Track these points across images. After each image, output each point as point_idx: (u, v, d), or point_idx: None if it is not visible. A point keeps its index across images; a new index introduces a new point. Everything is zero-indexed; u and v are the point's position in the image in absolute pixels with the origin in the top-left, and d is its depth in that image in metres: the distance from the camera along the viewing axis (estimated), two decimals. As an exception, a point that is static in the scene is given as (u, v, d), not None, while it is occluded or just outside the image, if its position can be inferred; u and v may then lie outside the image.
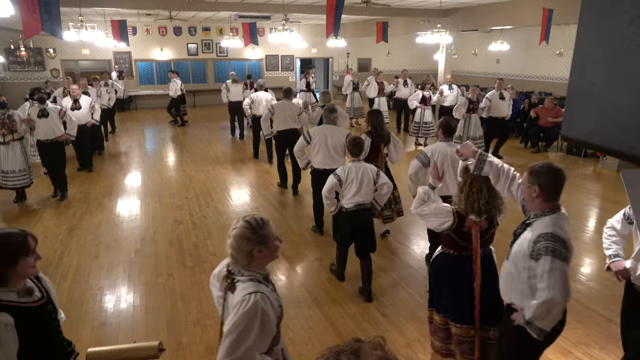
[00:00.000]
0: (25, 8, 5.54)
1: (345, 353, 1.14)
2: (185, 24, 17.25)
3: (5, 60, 15.17)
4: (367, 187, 4.27)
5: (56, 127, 7.04)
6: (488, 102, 9.46)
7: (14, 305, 1.94)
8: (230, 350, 1.86)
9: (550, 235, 2.29)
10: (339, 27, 7.50)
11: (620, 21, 0.70)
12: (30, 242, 1.98)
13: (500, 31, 15.11)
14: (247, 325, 1.87)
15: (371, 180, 4.28)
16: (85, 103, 8.63)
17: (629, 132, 0.70)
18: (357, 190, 4.26)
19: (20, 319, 1.92)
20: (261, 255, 2.03)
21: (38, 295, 2.07)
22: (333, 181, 4.32)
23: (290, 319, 4.06)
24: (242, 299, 1.91)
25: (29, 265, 1.96)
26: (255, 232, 2.04)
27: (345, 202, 4.35)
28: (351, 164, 4.35)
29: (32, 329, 1.96)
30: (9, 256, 1.90)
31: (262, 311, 1.90)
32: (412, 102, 10.85)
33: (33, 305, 2.02)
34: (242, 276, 2.02)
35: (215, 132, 13.12)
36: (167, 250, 5.49)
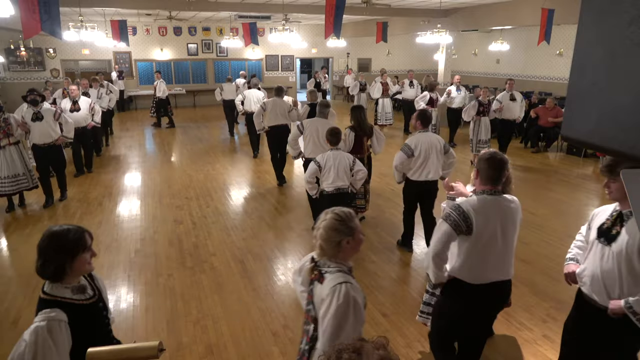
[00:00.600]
0: (25, 8, 5.54)
1: (347, 351, 1.14)
2: (185, 24, 17.26)
3: (5, 60, 15.18)
4: (344, 172, 4.80)
5: (52, 130, 6.77)
6: (499, 104, 9.26)
7: (67, 302, 1.96)
8: (331, 340, 1.93)
9: (457, 206, 2.64)
10: (340, 27, 7.49)
11: (620, 21, 0.70)
12: (87, 238, 2.02)
13: (500, 31, 15.11)
14: (343, 315, 1.94)
15: (348, 166, 4.81)
16: (84, 104, 8.39)
17: (629, 132, 0.70)
18: (336, 175, 4.78)
19: (73, 316, 1.93)
20: (348, 247, 2.09)
21: (90, 292, 2.09)
22: (314, 167, 4.82)
23: (290, 319, 4.06)
24: (333, 289, 1.97)
25: (85, 262, 2.00)
26: (344, 223, 2.10)
27: (325, 187, 4.85)
28: (330, 152, 4.85)
29: (84, 326, 1.97)
30: (67, 252, 1.93)
31: (354, 300, 1.97)
32: (420, 104, 10.65)
33: (85, 302, 2.03)
34: (330, 267, 2.08)
35: (215, 132, 13.12)
36: (167, 250, 5.49)
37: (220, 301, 4.37)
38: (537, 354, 3.56)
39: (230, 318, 4.09)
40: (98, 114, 8.79)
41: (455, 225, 2.59)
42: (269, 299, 4.40)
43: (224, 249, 5.52)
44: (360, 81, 13.32)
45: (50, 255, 1.92)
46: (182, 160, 9.99)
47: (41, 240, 1.97)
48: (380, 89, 12.53)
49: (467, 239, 2.64)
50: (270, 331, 3.90)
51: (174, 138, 12.35)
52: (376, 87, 12.60)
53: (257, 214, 6.67)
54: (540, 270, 4.92)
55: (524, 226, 6.18)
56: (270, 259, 5.26)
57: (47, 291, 1.96)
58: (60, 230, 1.98)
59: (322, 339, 1.98)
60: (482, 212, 2.60)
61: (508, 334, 3.83)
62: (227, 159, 10.06)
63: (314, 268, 2.16)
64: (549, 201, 7.36)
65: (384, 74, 12.79)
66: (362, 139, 5.79)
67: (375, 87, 12.64)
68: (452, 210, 2.64)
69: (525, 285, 4.61)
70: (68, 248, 1.94)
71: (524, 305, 4.25)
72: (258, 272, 4.93)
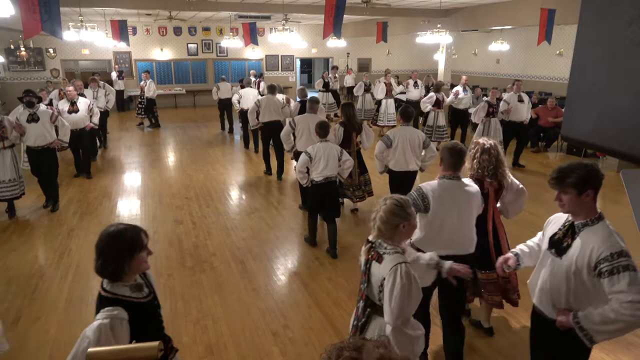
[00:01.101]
0: (25, 8, 5.54)
1: (347, 349, 1.15)
2: (185, 24, 17.26)
3: (5, 60, 15.17)
4: (332, 163, 5.11)
5: (47, 132, 6.55)
6: (506, 105, 8.90)
7: (127, 300, 1.99)
8: (397, 314, 2.20)
9: (418, 188, 3.11)
10: (341, 27, 7.49)
11: (620, 21, 0.70)
12: (143, 237, 2.06)
13: (500, 31, 15.11)
14: (408, 291, 2.19)
15: (336, 157, 5.13)
16: (83, 106, 8.16)
17: (628, 132, 0.70)
18: (325, 165, 5.08)
19: (132, 314, 1.97)
20: (404, 231, 2.31)
21: (146, 290, 2.12)
22: (305, 158, 5.12)
23: (290, 319, 4.06)
24: (395, 268, 2.21)
25: (142, 261, 2.04)
26: (403, 209, 2.29)
27: (315, 176, 5.15)
28: (319, 144, 5.13)
29: (141, 324, 2.01)
30: (125, 252, 1.97)
31: (413, 277, 2.22)
32: (426, 105, 10.37)
33: (142, 300, 2.07)
34: (387, 249, 2.30)
35: (215, 132, 13.12)
36: (167, 250, 5.49)
37: (220, 301, 4.37)
38: (537, 354, 3.56)
39: (230, 318, 4.09)
40: (96, 116, 8.55)
41: (414, 203, 2.87)
42: (269, 299, 4.40)
43: (224, 249, 5.52)
44: (365, 82, 13.09)
45: (109, 255, 1.95)
46: (182, 160, 9.99)
47: (99, 241, 2.01)
48: (384, 89, 12.30)
49: (424, 216, 3.05)
50: (270, 331, 3.90)
51: (174, 138, 12.35)
52: (380, 88, 12.37)
53: (257, 214, 6.67)
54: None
55: (523, 226, 6.19)
56: (270, 259, 5.26)
57: (108, 289, 1.99)
58: (117, 230, 2.03)
59: (389, 313, 2.23)
60: (439, 194, 3.02)
61: (508, 334, 3.82)
62: (227, 159, 10.06)
63: (371, 249, 2.35)
64: (549, 201, 7.31)
65: (388, 74, 12.54)
66: (351, 134, 6.14)
67: (378, 88, 12.40)
68: (414, 191, 3.10)
69: (525, 285, 4.60)
70: (126, 248, 1.98)
71: (524, 305, 4.24)
72: (258, 272, 4.93)
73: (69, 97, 8.04)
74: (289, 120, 6.59)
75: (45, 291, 4.56)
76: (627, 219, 6.27)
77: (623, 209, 6.66)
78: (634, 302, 2.06)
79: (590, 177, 2.22)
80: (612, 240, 2.18)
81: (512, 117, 9.01)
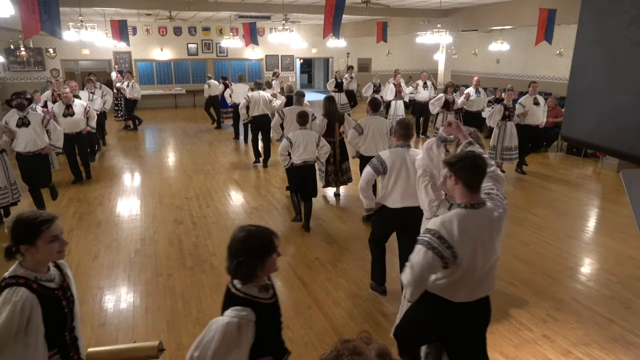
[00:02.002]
0: (24, 8, 5.54)
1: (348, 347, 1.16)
2: (185, 24, 17.26)
3: (5, 60, 15.17)
4: (311, 148, 5.76)
5: (38, 137, 6.14)
6: (522, 108, 8.48)
7: (256, 300, 2.02)
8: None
9: (377, 155, 4.15)
10: (340, 27, 7.50)
11: (620, 21, 0.70)
12: (275, 240, 2.08)
13: (500, 31, 15.11)
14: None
15: (314, 143, 5.77)
16: (79, 108, 7.74)
17: (629, 132, 0.70)
18: (304, 150, 5.71)
19: (259, 314, 2.00)
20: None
21: (271, 292, 2.15)
22: (286, 143, 5.78)
23: (290, 319, 4.06)
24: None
25: (274, 263, 2.08)
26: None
27: (295, 159, 5.77)
28: (299, 131, 5.80)
29: (265, 324, 2.03)
30: (259, 254, 2.01)
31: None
32: (435, 107, 9.97)
33: (268, 302, 2.10)
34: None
35: (215, 132, 13.12)
36: (167, 250, 5.49)
37: (220, 301, 4.34)
38: (537, 354, 3.56)
39: (230, 318, 4.08)
40: (93, 119, 8.14)
41: (375, 168, 4.03)
42: (269, 299, 4.40)
43: (224, 249, 5.49)
44: (374, 82, 12.49)
45: (243, 257, 1.98)
46: (182, 160, 9.99)
47: (233, 243, 2.04)
48: (393, 90, 11.89)
49: (384, 176, 3.99)
50: (270, 331, 3.89)
51: (174, 138, 12.35)
52: (388, 89, 11.95)
53: (257, 214, 6.67)
54: (540, 270, 4.91)
55: (523, 226, 6.21)
56: (270, 259, 5.25)
57: (239, 288, 2.04)
58: (251, 232, 2.05)
59: None
60: (393, 159, 3.95)
61: (508, 334, 3.83)
62: (226, 158, 10.06)
63: None
64: (549, 201, 7.35)
65: (397, 75, 12.16)
66: (333, 125, 6.76)
67: (387, 89, 11.98)
68: (375, 158, 4.02)
69: (525, 285, 4.61)
70: (259, 251, 2.01)
71: (524, 305, 4.25)
72: (258, 272, 4.92)
73: (64, 99, 7.66)
74: (279, 111, 7.41)
75: (45, 291, 4.56)
76: (627, 219, 6.26)
77: (623, 209, 6.66)
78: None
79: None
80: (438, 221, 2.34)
81: (528, 120, 8.59)
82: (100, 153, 10.45)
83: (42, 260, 2.04)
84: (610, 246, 5.55)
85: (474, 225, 2.32)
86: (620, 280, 4.70)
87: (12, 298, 1.90)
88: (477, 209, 2.34)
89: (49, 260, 2.10)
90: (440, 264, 2.29)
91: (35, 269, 2.02)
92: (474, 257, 2.33)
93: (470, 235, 2.29)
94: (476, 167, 2.33)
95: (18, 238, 1.98)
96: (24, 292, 1.93)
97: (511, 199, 7.30)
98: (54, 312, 2.06)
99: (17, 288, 1.93)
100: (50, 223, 2.02)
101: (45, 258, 2.05)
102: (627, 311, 4.16)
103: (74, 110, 7.65)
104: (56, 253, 2.06)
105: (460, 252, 2.27)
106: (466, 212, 2.32)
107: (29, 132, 6.09)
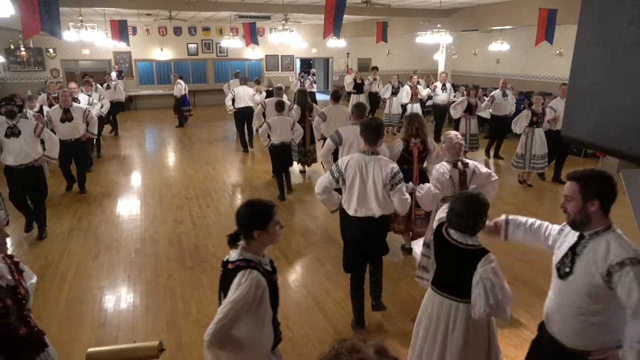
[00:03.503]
0: (25, 8, 5.54)
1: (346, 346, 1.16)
2: (185, 24, 17.25)
3: (5, 60, 15.16)
4: (286, 131, 7.03)
5: (30, 148, 5.49)
6: (553, 112, 7.72)
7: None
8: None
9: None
10: (340, 27, 7.51)
11: (620, 21, 0.70)
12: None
13: (500, 31, 15.10)
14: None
15: (289, 127, 7.06)
16: (77, 113, 7.14)
17: (629, 132, 0.70)
18: (280, 132, 7.00)
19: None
20: None
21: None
22: (265, 127, 7.09)
23: (290, 318, 4.06)
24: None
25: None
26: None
27: (274, 140, 7.04)
28: (276, 117, 7.11)
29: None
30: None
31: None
32: (457, 111, 9.25)
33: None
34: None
35: (215, 132, 13.12)
36: (167, 250, 5.49)
37: (220, 301, 4.36)
38: (537, 354, 3.56)
39: (230, 318, 4.08)
40: (94, 124, 7.52)
41: (333, 140, 5.02)
42: (269, 299, 4.40)
43: (224, 248, 5.48)
44: (392, 84, 11.88)
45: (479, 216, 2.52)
46: (182, 160, 9.99)
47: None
48: (409, 93, 11.18)
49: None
50: (270, 331, 3.89)
51: (174, 138, 12.35)
52: (404, 92, 11.24)
53: (257, 214, 6.67)
54: (540, 270, 4.91)
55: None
56: (270, 259, 5.26)
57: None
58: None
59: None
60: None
61: (508, 334, 3.82)
62: (227, 159, 10.06)
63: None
64: (549, 201, 7.35)
65: (414, 77, 11.50)
66: (304, 112, 8.10)
67: (403, 92, 11.28)
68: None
69: (525, 285, 4.61)
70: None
71: (524, 305, 4.25)
72: (258, 272, 4.92)
73: (62, 103, 7.05)
74: (261, 103, 8.85)
75: (46, 291, 4.56)
76: (627, 219, 6.27)
77: (623, 209, 6.66)
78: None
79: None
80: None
81: (559, 125, 7.77)
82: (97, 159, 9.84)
83: (268, 243, 2.24)
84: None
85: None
86: (620, 280, 4.70)
87: (249, 276, 2.05)
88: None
89: (273, 243, 2.27)
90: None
91: (258, 252, 2.20)
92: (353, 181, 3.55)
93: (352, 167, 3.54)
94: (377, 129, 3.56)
95: (251, 223, 2.15)
96: (257, 274, 2.08)
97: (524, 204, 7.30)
98: (274, 295, 2.21)
99: (251, 270, 2.07)
100: (275, 208, 2.23)
101: (271, 241, 2.23)
102: (627, 311, 4.15)
103: (72, 114, 7.08)
104: (279, 236, 2.25)
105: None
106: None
107: (19, 143, 5.43)
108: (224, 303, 2.03)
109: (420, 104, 11.69)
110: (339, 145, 5.02)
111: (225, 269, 2.17)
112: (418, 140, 4.79)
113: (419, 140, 4.79)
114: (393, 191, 3.51)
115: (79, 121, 7.17)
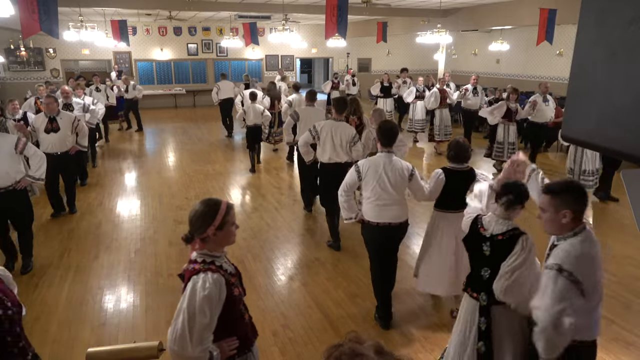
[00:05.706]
0: (24, 8, 5.54)
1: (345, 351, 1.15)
2: (185, 24, 17.25)
3: (5, 60, 15.15)
4: (258, 115, 8.71)
5: (10, 167, 4.53)
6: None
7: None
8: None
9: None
10: (346, 27, 7.55)
11: (620, 21, 0.70)
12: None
13: (500, 31, 15.11)
14: None
15: (260, 113, 8.72)
16: (65, 122, 6.12)
17: (629, 132, 0.70)
18: (253, 117, 8.67)
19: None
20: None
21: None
22: (241, 112, 8.83)
23: (290, 318, 4.06)
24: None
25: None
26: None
27: (248, 122, 8.70)
28: (250, 105, 8.74)
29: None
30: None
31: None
32: (495, 117, 8.21)
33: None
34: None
35: (215, 132, 13.12)
36: (167, 250, 5.49)
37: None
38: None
39: (230, 318, 4.08)
40: (84, 136, 6.50)
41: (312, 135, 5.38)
42: (268, 299, 4.40)
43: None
44: (418, 87, 10.80)
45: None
46: (182, 160, 9.99)
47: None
48: (437, 97, 9.74)
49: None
50: (270, 331, 3.90)
51: (174, 138, 12.35)
52: (432, 96, 9.84)
53: (257, 214, 6.67)
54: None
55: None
56: (270, 259, 5.26)
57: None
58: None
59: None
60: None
61: (508, 334, 3.82)
62: (227, 159, 10.06)
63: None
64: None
65: (441, 79, 10.32)
66: (274, 101, 10.03)
67: (431, 96, 9.89)
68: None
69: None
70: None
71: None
72: (258, 272, 4.92)
73: (47, 110, 6.04)
74: (239, 93, 10.39)
75: (45, 291, 4.56)
76: (627, 219, 6.25)
77: (623, 209, 6.66)
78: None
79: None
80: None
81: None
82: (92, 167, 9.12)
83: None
84: (610, 246, 5.55)
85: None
86: (619, 279, 4.70)
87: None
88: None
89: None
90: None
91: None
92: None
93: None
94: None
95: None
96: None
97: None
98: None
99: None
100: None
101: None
102: (627, 311, 4.16)
103: (58, 124, 6.04)
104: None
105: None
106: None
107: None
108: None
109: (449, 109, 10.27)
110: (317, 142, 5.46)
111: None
112: (355, 117, 6.02)
113: (355, 116, 6.03)
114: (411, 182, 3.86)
115: (67, 132, 6.15)
